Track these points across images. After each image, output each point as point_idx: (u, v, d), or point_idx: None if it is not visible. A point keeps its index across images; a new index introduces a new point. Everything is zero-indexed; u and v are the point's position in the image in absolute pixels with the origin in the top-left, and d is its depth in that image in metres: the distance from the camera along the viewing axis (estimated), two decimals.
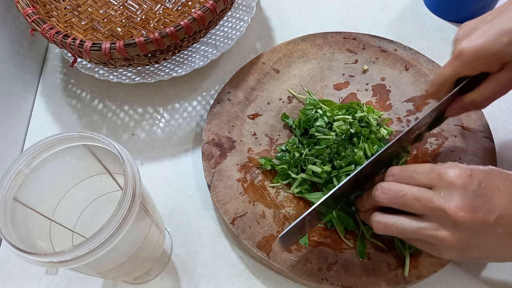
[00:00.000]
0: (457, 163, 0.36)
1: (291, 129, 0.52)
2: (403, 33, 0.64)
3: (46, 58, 0.66)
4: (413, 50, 0.57)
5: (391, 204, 0.37)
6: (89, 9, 0.63)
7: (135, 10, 0.63)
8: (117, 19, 0.62)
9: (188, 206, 0.51)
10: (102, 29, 0.61)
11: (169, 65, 0.59)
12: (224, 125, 0.53)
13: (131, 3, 0.64)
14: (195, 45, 0.61)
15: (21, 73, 0.60)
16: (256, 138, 0.52)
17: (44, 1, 0.58)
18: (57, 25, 0.57)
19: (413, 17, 0.66)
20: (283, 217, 0.46)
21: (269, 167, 0.49)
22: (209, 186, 0.48)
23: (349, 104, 0.51)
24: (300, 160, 0.48)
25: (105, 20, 0.62)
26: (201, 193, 0.52)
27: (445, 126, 0.51)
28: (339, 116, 0.49)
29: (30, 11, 0.51)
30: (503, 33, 0.36)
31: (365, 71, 0.57)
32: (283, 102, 0.55)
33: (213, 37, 0.61)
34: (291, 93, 0.55)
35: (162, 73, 0.57)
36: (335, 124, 0.48)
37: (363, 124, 0.49)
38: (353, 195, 0.45)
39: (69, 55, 0.59)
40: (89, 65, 0.59)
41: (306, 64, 0.58)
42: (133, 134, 0.57)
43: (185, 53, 0.60)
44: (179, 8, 0.63)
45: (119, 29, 0.61)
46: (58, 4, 0.61)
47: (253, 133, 0.53)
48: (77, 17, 0.61)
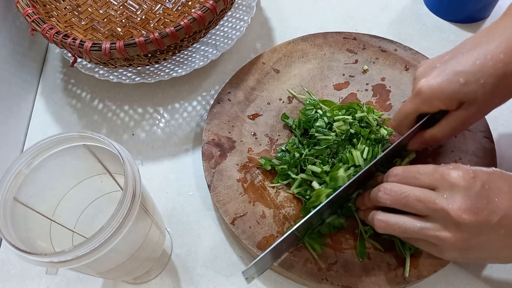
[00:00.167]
0: (460, 165, 0.36)
1: (291, 129, 0.52)
2: (403, 33, 0.64)
3: (46, 58, 0.66)
4: (413, 50, 0.57)
5: (393, 204, 0.37)
6: (89, 9, 0.63)
7: (135, 10, 0.63)
8: (117, 19, 0.62)
9: (188, 206, 0.51)
10: (102, 29, 0.61)
11: (169, 65, 0.59)
12: (224, 125, 0.53)
13: (131, 3, 0.64)
14: (195, 45, 0.61)
15: (21, 73, 0.59)
16: (256, 138, 0.52)
17: (44, 1, 0.58)
18: (57, 25, 0.57)
19: (413, 17, 0.66)
20: (283, 217, 0.46)
21: (269, 167, 0.49)
22: (209, 186, 0.48)
23: (349, 104, 0.51)
24: (300, 160, 0.48)
25: (105, 20, 0.62)
26: (201, 193, 0.52)
27: None
28: (339, 116, 0.49)
29: (30, 11, 0.51)
30: (458, 74, 0.38)
31: (365, 71, 0.57)
32: (283, 102, 0.55)
33: (213, 37, 0.61)
34: (291, 93, 0.55)
35: (162, 73, 0.57)
36: (335, 124, 0.48)
37: (363, 124, 0.49)
38: (355, 194, 0.45)
39: (69, 55, 0.59)
40: (89, 65, 0.59)
41: (306, 64, 0.58)
42: (133, 134, 0.57)
43: (185, 53, 0.60)
44: (179, 8, 0.63)
45: (119, 29, 0.61)
46: (58, 4, 0.61)
47: (253, 133, 0.53)
48: (77, 17, 0.61)
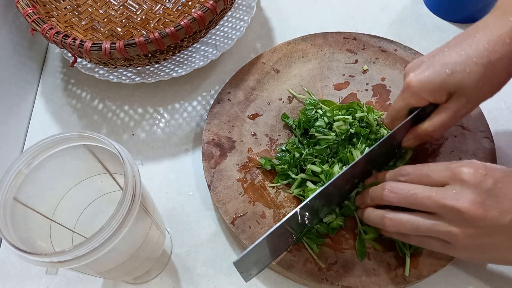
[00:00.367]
0: (473, 161, 0.36)
1: (291, 129, 0.52)
2: (403, 33, 0.64)
3: (46, 58, 0.66)
4: (413, 50, 0.57)
5: (401, 203, 0.37)
6: (89, 9, 0.63)
7: (135, 10, 0.63)
8: (117, 19, 0.62)
9: (188, 206, 0.51)
10: (102, 29, 0.61)
11: (169, 65, 0.59)
12: (224, 125, 0.53)
13: (131, 3, 0.64)
14: (195, 45, 0.61)
15: (21, 73, 0.59)
16: (256, 138, 0.52)
17: (44, 1, 0.58)
18: (57, 25, 0.57)
19: (413, 17, 0.66)
20: (283, 217, 0.46)
21: (269, 167, 0.49)
22: (209, 186, 0.48)
23: (349, 104, 0.51)
24: (300, 160, 0.48)
25: (105, 20, 0.62)
26: (201, 193, 0.52)
27: None
28: (339, 116, 0.49)
29: (30, 11, 0.51)
30: (445, 65, 0.39)
31: (365, 71, 0.57)
32: (283, 102, 0.55)
33: (213, 37, 0.61)
34: (291, 93, 0.55)
35: (162, 73, 0.57)
36: (335, 124, 0.48)
37: (363, 124, 0.49)
38: (354, 192, 0.45)
39: (69, 55, 0.59)
40: (89, 65, 0.59)
41: (306, 64, 0.58)
42: (133, 134, 0.57)
43: (185, 53, 0.60)
44: (179, 8, 0.63)
45: (119, 29, 0.61)
46: (58, 4, 0.61)
47: (253, 133, 0.53)
48: (77, 17, 0.61)
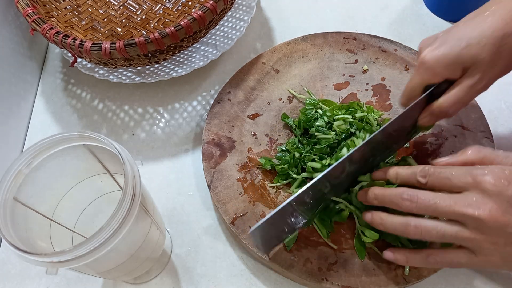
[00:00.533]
0: (496, 169, 0.34)
1: (291, 129, 0.52)
2: (403, 33, 0.64)
3: (46, 58, 0.66)
4: (413, 50, 0.57)
5: (421, 212, 0.36)
6: (89, 9, 0.63)
7: (135, 10, 0.63)
8: (117, 19, 0.62)
9: (188, 206, 0.51)
10: (102, 29, 0.61)
11: (169, 65, 0.59)
12: (224, 125, 0.53)
13: (131, 3, 0.64)
14: (195, 45, 0.61)
15: (21, 73, 0.59)
16: (256, 138, 0.52)
17: (44, 1, 0.58)
18: (57, 25, 0.57)
19: (413, 17, 0.66)
20: None
21: (269, 167, 0.49)
22: (209, 186, 0.48)
23: (349, 104, 0.51)
24: (300, 160, 0.48)
25: (105, 20, 0.62)
26: (201, 193, 0.52)
27: (445, 126, 0.51)
28: (339, 116, 0.49)
29: (30, 11, 0.51)
30: (460, 39, 0.39)
31: (365, 71, 0.57)
32: (283, 102, 0.55)
33: (213, 37, 0.61)
34: (291, 93, 0.55)
35: (162, 73, 0.57)
36: (335, 123, 0.48)
37: (363, 124, 0.49)
38: (358, 186, 0.45)
39: (69, 55, 0.59)
40: (89, 65, 0.59)
41: (306, 64, 0.58)
42: (133, 134, 0.57)
43: (185, 53, 0.60)
44: (179, 8, 0.63)
45: (119, 29, 0.61)
46: (58, 4, 0.61)
47: (253, 133, 0.53)
48: (77, 17, 0.61)
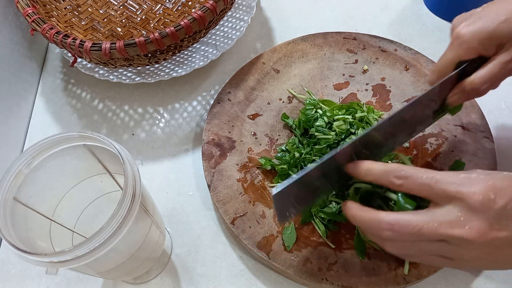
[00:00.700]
0: (482, 181, 0.31)
1: (291, 129, 0.52)
2: (403, 33, 0.64)
3: (46, 58, 0.66)
4: (413, 50, 0.57)
5: (405, 240, 0.33)
6: (89, 9, 0.63)
7: (135, 10, 0.63)
8: (117, 19, 0.62)
9: (188, 206, 0.51)
10: (102, 29, 0.61)
11: (169, 65, 0.59)
12: (224, 125, 0.53)
13: (131, 3, 0.64)
14: (195, 45, 0.61)
15: (21, 73, 0.59)
16: (256, 138, 0.52)
17: (44, 1, 0.58)
18: (57, 25, 0.57)
19: (413, 17, 0.66)
20: None
21: (269, 167, 0.49)
22: (209, 186, 0.48)
23: (349, 104, 0.51)
24: (300, 160, 0.48)
25: (105, 20, 0.62)
26: (201, 193, 0.52)
27: (445, 126, 0.51)
28: (339, 116, 0.49)
29: (30, 11, 0.51)
30: (498, 13, 0.38)
31: (365, 71, 0.57)
32: (283, 102, 0.55)
33: (213, 37, 0.61)
34: (291, 93, 0.55)
35: (162, 73, 0.57)
36: (335, 123, 0.48)
37: (363, 124, 0.49)
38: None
39: (69, 55, 0.59)
40: (89, 65, 0.59)
41: (306, 64, 0.58)
42: (133, 134, 0.57)
43: (185, 53, 0.60)
44: (179, 8, 0.63)
45: (119, 29, 0.61)
46: (58, 4, 0.61)
47: (253, 133, 0.53)
48: (77, 17, 0.61)
